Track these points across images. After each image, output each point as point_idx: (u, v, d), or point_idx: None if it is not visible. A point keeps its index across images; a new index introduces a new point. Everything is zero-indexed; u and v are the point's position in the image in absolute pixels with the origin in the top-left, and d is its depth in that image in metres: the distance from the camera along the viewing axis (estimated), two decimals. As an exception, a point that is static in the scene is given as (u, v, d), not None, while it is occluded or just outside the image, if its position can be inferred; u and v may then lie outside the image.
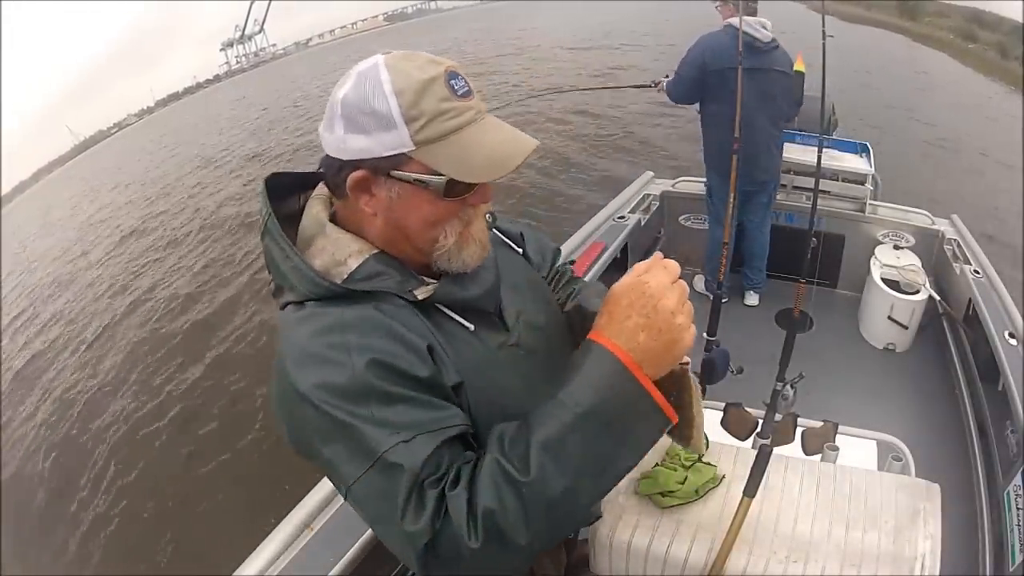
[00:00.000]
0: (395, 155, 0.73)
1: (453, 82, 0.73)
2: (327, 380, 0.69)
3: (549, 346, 0.93)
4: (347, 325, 0.72)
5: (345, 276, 0.76)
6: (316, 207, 0.82)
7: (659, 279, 0.72)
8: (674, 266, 0.75)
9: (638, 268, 0.75)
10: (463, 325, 0.82)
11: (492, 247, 0.87)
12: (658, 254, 0.78)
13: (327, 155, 0.78)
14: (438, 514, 0.67)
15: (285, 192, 0.86)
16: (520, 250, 1.03)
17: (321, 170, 0.82)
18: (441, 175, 0.73)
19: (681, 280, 0.74)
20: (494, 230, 0.99)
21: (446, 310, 0.81)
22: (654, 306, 0.70)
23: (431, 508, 0.66)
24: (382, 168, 0.74)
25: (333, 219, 0.82)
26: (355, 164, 0.75)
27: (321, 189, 0.84)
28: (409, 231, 0.78)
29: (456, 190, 0.75)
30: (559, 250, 1.20)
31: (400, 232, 0.78)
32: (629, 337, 0.70)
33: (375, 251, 0.79)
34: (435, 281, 0.80)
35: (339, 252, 0.78)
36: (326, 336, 0.72)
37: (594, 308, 0.86)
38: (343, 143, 0.74)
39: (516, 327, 0.88)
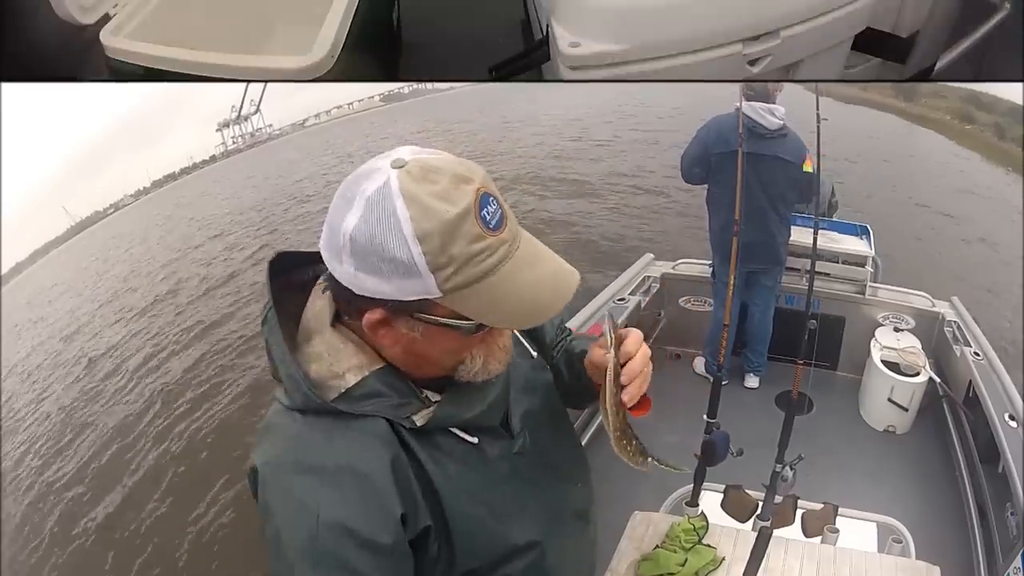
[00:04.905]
0: (418, 300, 0.65)
1: (485, 212, 0.63)
2: (292, 522, 0.66)
3: (546, 438, 0.90)
4: (326, 469, 0.67)
5: (341, 391, 0.70)
6: (320, 302, 0.74)
7: None
8: None
9: None
10: (465, 440, 0.77)
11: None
12: None
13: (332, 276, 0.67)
14: None
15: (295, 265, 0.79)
16: (535, 353, 0.96)
17: (326, 282, 0.73)
18: (471, 320, 0.67)
19: None
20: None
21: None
22: None
23: None
24: (403, 310, 0.66)
25: (338, 317, 0.73)
26: (370, 300, 0.66)
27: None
28: (433, 360, 0.72)
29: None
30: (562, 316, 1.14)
31: (422, 359, 0.72)
32: None
33: (378, 367, 0.71)
34: (435, 401, 0.74)
35: (336, 364, 0.71)
36: (303, 475, 0.67)
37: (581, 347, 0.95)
38: (354, 279, 0.64)
39: (521, 435, 0.84)
